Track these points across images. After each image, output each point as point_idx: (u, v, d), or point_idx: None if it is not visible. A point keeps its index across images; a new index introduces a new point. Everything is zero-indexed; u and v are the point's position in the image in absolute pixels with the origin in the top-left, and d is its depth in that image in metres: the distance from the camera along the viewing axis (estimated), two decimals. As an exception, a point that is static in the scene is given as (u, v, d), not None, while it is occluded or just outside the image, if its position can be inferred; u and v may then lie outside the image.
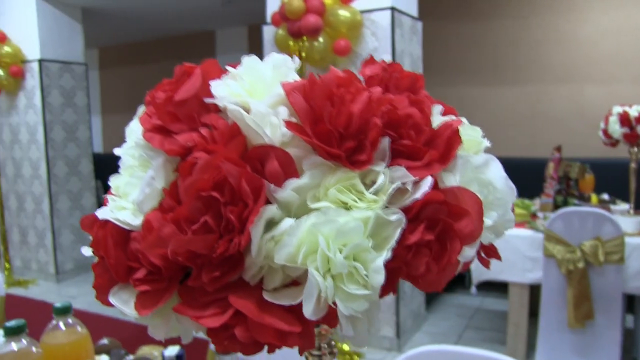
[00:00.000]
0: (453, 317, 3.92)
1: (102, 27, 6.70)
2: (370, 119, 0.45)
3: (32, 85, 5.09)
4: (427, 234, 0.44)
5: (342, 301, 0.42)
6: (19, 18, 5.14)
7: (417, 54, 3.65)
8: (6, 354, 1.08)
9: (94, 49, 8.57)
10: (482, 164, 0.51)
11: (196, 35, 7.48)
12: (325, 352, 0.65)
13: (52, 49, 5.13)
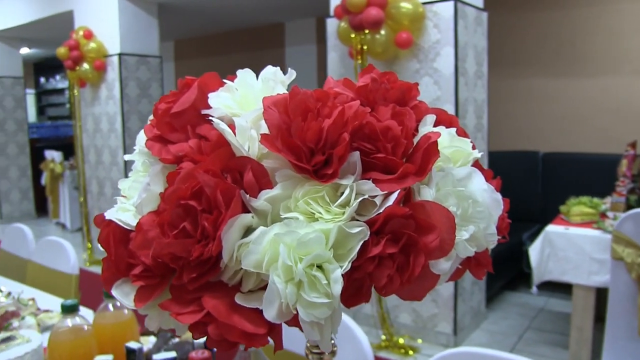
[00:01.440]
0: (514, 317, 3.83)
1: (177, 21, 6.94)
2: (340, 133, 0.47)
3: (112, 77, 5.36)
4: (389, 247, 0.46)
5: (303, 308, 0.45)
6: (103, 16, 5.42)
7: (481, 46, 3.57)
8: (61, 329, 1.19)
9: (170, 42, 8.88)
10: (465, 177, 0.52)
11: (266, 28, 7.61)
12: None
13: (130, 43, 5.38)
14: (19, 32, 7.28)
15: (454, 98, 3.24)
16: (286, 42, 7.47)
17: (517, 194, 4.71)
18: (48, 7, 6.26)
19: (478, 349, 1.23)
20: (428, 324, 3.49)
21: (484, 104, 3.64)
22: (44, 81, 12.94)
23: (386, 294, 0.47)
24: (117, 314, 1.27)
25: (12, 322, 1.92)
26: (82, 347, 1.17)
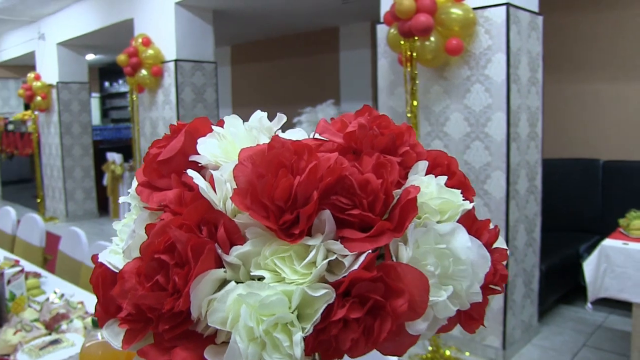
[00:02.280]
0: (569, 332, 3.68)
1: (233, 27, 7.06)
2: (312, 191, 0.46)
3: (169, 83, 5.51)
4: (354, 311, 0.44)
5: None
6: (160, 23, 5.59)
7: (536, 51, 3.45)
8: (92, 342, 1.23)
9: (227, 47, 9.05)
10: (448, 233, 0.50)
11: (321, 32, 7.63)
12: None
13: (186, 50, 5.52)
14: (84, 40, 7.61)
15: (505, 106, 3.16)
16: (340, 47, 7.47)
17: (575, 203, 4.54)
18: (111, 16, 6.51)
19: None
20: (476, 336, 3.41)
21: (538, 111, 3.52)
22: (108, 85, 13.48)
23: (352, 356, 0.46)
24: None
25: (61, 324, 2.00)
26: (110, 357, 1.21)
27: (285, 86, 7.85)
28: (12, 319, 2.06)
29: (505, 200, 3.22)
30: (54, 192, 8.30)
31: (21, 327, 1.96)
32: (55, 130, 8.01)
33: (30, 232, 3.51)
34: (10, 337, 1.88)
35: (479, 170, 3.29)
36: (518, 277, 3.37)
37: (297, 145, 0.50)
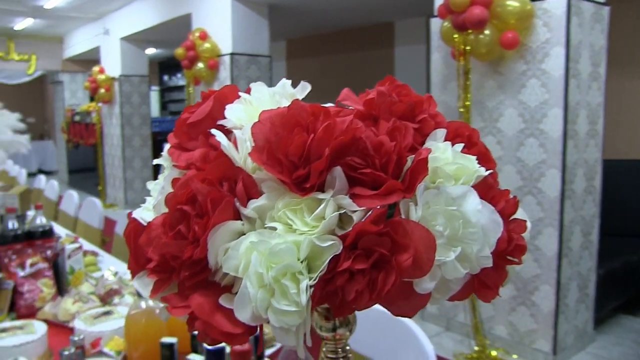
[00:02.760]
0: (629, 344, 3.49)
1: (288, 21, 7.13)
2: (323, 149, 0.48)
3: (224, 76, 5.63)
4: (359, 263, 0.46)
5: (273, 314, 0.47)
6: (217, 17, 5.72)
7: (599, 45, 3.31)
8: (136, 311, 1.29)
9: (282, 41, 9.14)
10: (459, 196, 0.51)
11: (376, 27, 7.60)
12: (340, 356, 0.69)
13: (242, 44, 5.63)
14: (145, 35, 7.87)
15: (563, 102, 3.07)
16: (396, 42, 7.42)
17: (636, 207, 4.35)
18: (170, 11, 6.71)
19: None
20: (525, 339, 3.33)
21: (599, 108, 3.40)
22: (167, 79, 13.86)
23: (358, 308, 0.48)
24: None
25: (114, 298, 2.10)
26: (153, 328, 1.27)
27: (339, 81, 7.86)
28: (71, 291, 2.18)
29: (559, 199, 3.13)
30: (114, 181, 8.62)
31: (79, 298, 2.07)
32: (116, 121, 8.32)
33: (91, 215, 3.67)
34: (70, 306, 1.99)
35: (532, 167, 3.21)
36: (572, 281, 3.27)
37: (314, 107, 0.52)
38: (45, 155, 12.95)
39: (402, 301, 0.50)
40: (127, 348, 1.30)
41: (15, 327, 1.74)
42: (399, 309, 0.51)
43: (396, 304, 0.51)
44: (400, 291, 0.49)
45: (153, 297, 0.57)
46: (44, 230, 2.23)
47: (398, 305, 0.51)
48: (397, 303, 0.51)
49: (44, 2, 7.65)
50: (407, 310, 0.51)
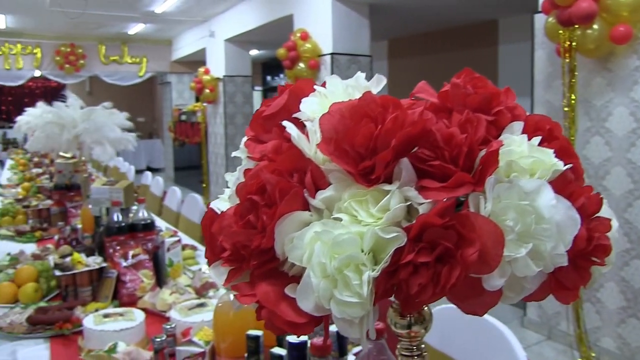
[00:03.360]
0: None
1: (390, 21, 7.09)
2: (390, 141, 0.48)
3: (325, 76, 5.68)
4: (423, 256, 0.45)
5: (336, 305, 0.46)
6: (318, 18, 5.80)
7: None
8: (225, 302, 1.34)
9: (384, 41, 9.10)
10: (533, 190, 0.48)
11: (479, 25, 7.39)
12: (415, 354, 0.68)
13: (342, 43, 5.66)
14: (248, 37, 8.13)
15: (680, 100, 2.84)
16: (500, 40, 7.17)
17: None
18: (272, 13, 6.88)
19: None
20: (638, 355, 3.11)
21: None
22: (270, 79, 14.24)
23: (422, 302, 0.47)
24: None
25: (209, 291, 2.19)
26: (240, 320, 1.30)
27: (442, 81, 7.68)
28: (169, 282, 2.30)
29: (676, 205, 2.90)
30: (217, 179, 8.98)
31: (176, 289, 2.18)
32: (220, 120, 8.66)
33: (192, 211, 3.84)
34: (167, 297, 2.10)
35: (645, 170, 3.00)
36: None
37: (385, 99, 0.52)
38: (154, 153, 13.73)
39: (471, 298, 0.49)
40: (215, 339, 1.35)
41: (116, 313, 1.86)
42: (469, 307, 0.50)
43: (466, 301, 0.49)
44: (470, 288, 0.48)
45: (226, 286, 0.59)
46: (145, 223, 2.36)
47: (468, 302, 0.50)
48: (466, 300, 0.49)
49: (155, 7, 8.11)
50: (478, 308, 0.49)
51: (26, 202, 4.01)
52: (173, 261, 2.42)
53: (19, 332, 1.89)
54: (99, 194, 2.50)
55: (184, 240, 3.19)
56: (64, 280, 2.19)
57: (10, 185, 5.25)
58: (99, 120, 3.18)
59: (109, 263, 2.25)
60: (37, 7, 8.05)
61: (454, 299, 0.49)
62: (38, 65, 10.57)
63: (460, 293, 0.48)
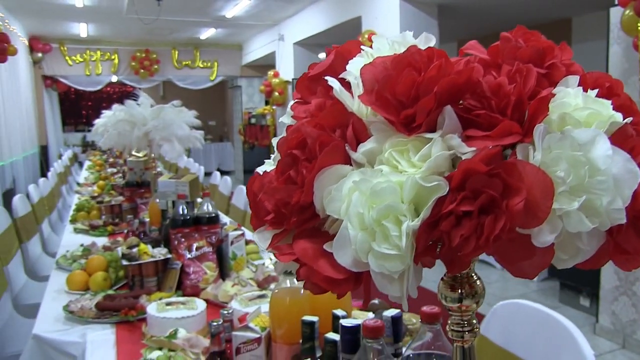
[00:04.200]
0: None
1: (459, 21, 6.97)
2: (432, 87, 0.45)
3: (390, 77, 5.65)
4: (465, 205, 0.42)
5: (374, 258, 0.45)
6: (386, 19, 5.77)
7: None
8: (281, 289, 1.34)
9: (453, 42, 8.95)
10: (588, 141, 0.44)
11: (552, 24, 7.14)
12: (465, 329, 0.65)
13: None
14: (317, 39, 8.19)
15: None
16: (573, 39, 6.90)
17: None
18: (340, 15, 6.90)
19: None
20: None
21: None
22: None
23: (465, 256, 0.44)
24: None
25: (271, 284, 2.21)
26: (296, 306, 1.30)
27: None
28: (232, 275, 2.33)
29: None
30: (284, 180, 9.07)
31: (238, 281, 2.21)
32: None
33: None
34: (229, 289, 2.13)
35: None
36: None
37: (430, 50, 0.50)
38: (224, 155, 14.06)
39: (521, 259, 0.46)
40: (271, 325, 1.36)
41: (179, 302, 1.90)
42: (519, 269, 0.47)
43: (515, 263, 0.47)
44: (519, 247, 0.45)
45: (269, 249, 0.58)
46: (210, 216, 2.41)
47: (517, 264, 0.47)
48: (516, 261, 0.46)
49: (226, 12, 8.32)
50: (528, 270, 0.46)
51: (100, 198, 4.19)
52: (236, 254, 2.46)
53: (88, 317, 1.97)
54: (165, 187, 2.57)
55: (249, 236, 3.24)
56: (130, 270, 2.27)
57: (87, 184, 5.51)
58: (168, 117, 3.28)
59: (174, 255, 2.31)
60: (115, 14, 8.43)
61: (503, 260, 0.47)
62: (115, 70, 11.07)
63: (509, 253, 0.46)
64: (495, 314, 1.68)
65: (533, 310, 1.57)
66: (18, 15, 8.67)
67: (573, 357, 1.39)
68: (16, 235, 3.60)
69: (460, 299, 0.63)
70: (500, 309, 1.67)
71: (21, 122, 8.40)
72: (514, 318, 1.63)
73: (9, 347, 2.54)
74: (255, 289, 2.17)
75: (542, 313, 1.52)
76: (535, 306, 1.57)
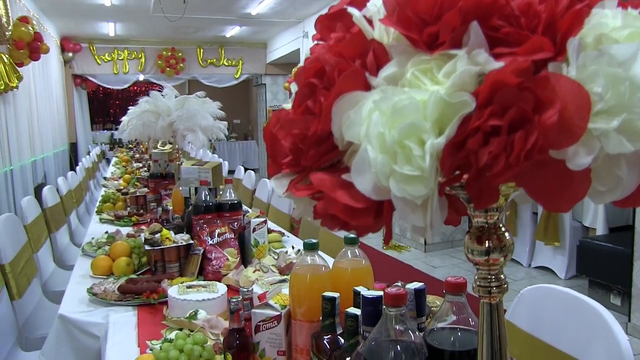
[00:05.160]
0: None
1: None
2: (455, 3, 0.42)
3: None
4: (493, 119, 0.39)
5: (395, 182, 0.42)
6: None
7: None
8: (302, 265, 1.32)
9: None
10: (628, 58, 0.41)
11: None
12: (493, 284, 0.62)
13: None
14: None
15: None
16: None
17: None
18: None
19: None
20: None
21: None
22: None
23: (493, 178, 0.41)
24: (355, 262, 1.34)
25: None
26: (317, 283, 1.28)
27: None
28: (254, 262, 2.32)
29: None
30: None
31: (259, 267, 2.19)
32: (312, 120, 8.74)
33: (282, 201, 3.89)
34: (250, 274, 2.12)
35: None
36: None
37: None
38: (249, 154, 14.13)
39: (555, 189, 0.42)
40: (291, 302, 1.34)
41: (200, 285, 1.89)
42: (552, 201, 0.43)
43: (548, 194, 0.43)
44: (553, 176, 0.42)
45: (286, 194, 0.56)
46: (232, 203, 2.40)
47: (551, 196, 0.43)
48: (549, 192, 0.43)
49: (250, 9, 8.34)
50: (562, 202, 0.43)
51: (125, 190, 4.22)
52: (259, 242, 2.45)
53: (111, 299, 1.97)
54: (188, 173, 2.57)
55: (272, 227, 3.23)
56: (153, 256, 2.27)
57: (113, 178, 5.57)
58: (192, 108, 3.29)
59: (196, 241, 2.30)
60: (142, 13, 8.52)
61: (536, 191, 0.43)
62: (142, 69, 11.19)
63: (542, 182, 0.42)
64: (522, 299, 1.64)
65: (563, 294, 1.52)
66: (51, 16, 8.83)
67: (606, 343, 1.34)
68: (45, 225, 3.65)
69: (487, 251, 0.60)
70: (528, 293, 1.62)
71: (52, 119, 8.55)
72: (542, 303, 1.58)
73: (38, 330, 2.58)
74: (276, 275, 2.15)
75: (573, 297, 1.47)
76: (565, 290, 1.52)
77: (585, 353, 1.40)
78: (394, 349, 0.91)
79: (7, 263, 2.51)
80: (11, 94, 5.78)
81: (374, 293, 1.03)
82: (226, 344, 1.29)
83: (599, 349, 1.36)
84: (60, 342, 1.90)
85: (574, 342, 1.44)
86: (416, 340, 0.92)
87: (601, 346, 1.35)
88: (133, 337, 1.69)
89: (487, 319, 0.62)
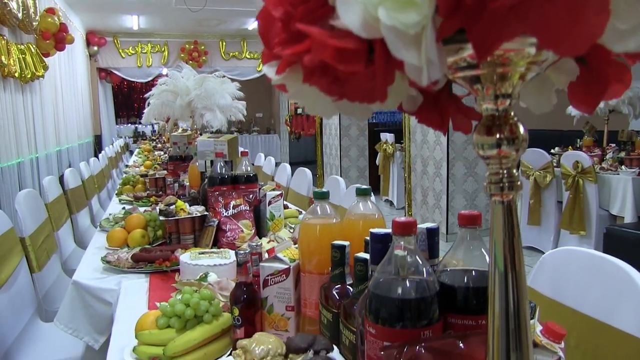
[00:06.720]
0: None
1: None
2: None
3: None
4: None
5: (386, 10, 0.37)
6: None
7: None
8: (311, 217, 1.28)
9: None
10: None
11: None
12: (505, 180, 0.57)
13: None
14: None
15: None
16: None
17: None
18: None
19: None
20: None
21: None
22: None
23: (498, 11, 0.36)
24: (366, 214, 1.30)
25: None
26: (327, 233, 1.23)
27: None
28: (269, 234, 2.28)
29: None
30: (331, 169, 9.03)
31: (274, 238, 2.15)
32: (335, 112, 8.70)
33: (301, 184, 3.86)
34: (265, 245, 2.08)
35: None
36: None
37: None
38: (271, 147, 14.14)
39: (566, 25, 0.37)
40: (300, 253, 1.30)
41: (212, 252, 1.86)
42: (567, 41, 0.38)
43: (560, 32, 0.38)
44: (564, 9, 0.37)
45: (279, 75, 0.52)
46: (248, 176, 2.36)
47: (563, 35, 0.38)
48: (560, 30, 0.38)
49: (272, 0, 8.33)
50: (577, 40, 0.37)
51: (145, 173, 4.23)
52: (274, 215, 2.41)
53: (124, 267, 1.95)
54: (204, 146, 2.55)
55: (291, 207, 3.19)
56: (167, 227, 2.25)
57: (135, 165, 5.60)
58: (210, 87, 3.27)
59: (211, 212, 2.27)
60: (164, 6, 8.56)
61: (545, 31, 0.38)
62: (165, 62, 11.26)
63: (552, 19, 0.37)
64: (544, 264, 1.57)
65: (586, 255, 1.44)
66: (76, 10, 8.93)
67: (634, 303, 1.26)
68: (67, 205, 3.67)
69: (498, 143, 0.55)
70: (549, 257, 1.56)
71: (77, 111, 8.66)
72: (565, 267, 1.51)
73: (56, 303, 2.59)
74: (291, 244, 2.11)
75: (597, 258, 1.40)
76: (589, 251, 1.45)
77: (611, 314, 1.32)
78: (402, 283, 0.85)
79: (27, 236, 2.52)
80: (37, 83, 5.86)
81: (383, 230, 0.98)
82: (233, 298, 1.25)
83: (626, 310, 1.28)
84: (74, 309, 1.90)
85: (599, 304, 1.37)
86: (427, 277, 0.86)
87: (629, 306, 1.28)
88: (143, 302, 1.67)
89: (499, 219, 0.57)
